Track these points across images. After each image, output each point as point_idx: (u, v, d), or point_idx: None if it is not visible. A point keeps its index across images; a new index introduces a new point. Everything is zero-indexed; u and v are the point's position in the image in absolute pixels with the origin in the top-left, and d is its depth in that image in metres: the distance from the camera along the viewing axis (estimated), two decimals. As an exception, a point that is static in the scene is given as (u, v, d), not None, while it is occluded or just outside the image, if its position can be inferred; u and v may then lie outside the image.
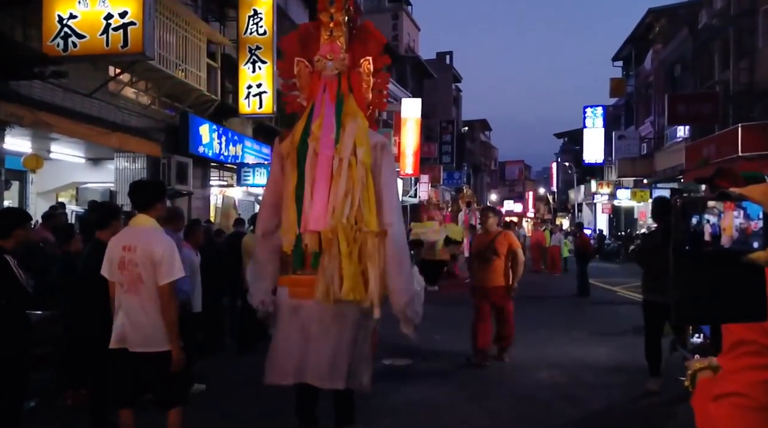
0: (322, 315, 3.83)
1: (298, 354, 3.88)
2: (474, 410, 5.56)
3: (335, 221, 3.77)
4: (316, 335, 3.85)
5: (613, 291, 15.58)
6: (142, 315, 3.67)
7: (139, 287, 3.68)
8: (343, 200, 3.80)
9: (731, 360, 1.13)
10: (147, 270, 3.66)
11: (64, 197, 11.90)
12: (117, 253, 3.75)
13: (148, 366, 3.70)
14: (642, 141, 30.35)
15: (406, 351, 7.31)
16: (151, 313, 3.66)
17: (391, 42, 33.86)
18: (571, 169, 47.41)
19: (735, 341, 1.12)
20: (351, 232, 3.77)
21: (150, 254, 3.66)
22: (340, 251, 3.76)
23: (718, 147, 17.71)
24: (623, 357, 7.67)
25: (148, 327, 3.67)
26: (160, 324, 3.67)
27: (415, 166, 26.86)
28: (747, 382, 1.08)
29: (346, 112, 4.04)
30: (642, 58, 31.47)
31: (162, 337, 3.68)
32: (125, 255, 3.70)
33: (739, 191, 0.90)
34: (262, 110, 13.05)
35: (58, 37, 7.98)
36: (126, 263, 3.70)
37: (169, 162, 11.03)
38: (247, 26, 12.88)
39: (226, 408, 5.46)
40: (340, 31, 4.09)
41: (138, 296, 3.68)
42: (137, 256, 3.67)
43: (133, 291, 3.69)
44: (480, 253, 7.34)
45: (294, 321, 3.93)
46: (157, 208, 3.91)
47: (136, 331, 3.68)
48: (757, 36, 18.46)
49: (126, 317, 3.71)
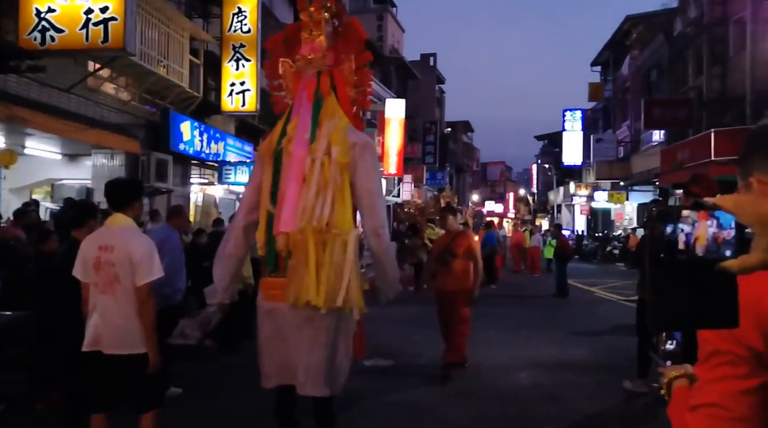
0: (295, 319, 3.77)
1: (279, 356, 3.85)
2: (456, 410, 5.58)
3: (304, 222, 3.72)
4: (292, 338, 3.80)
5: (591, 291, 15.76)
6: (118, 317, 3.59)
7: (116, 287, 3.59)
8: (314, 201, 3.75)
9: (707, 371, 1.14)
10: (124, 271, 3.59)
11: (39, 194, 11.68)
12: (92, 253, 3.66)
13: (123, 369, 3.62)
14: (619, 144, 30.79)
15: (388, 352, 7.32)
16: (128, 314, 3.59)
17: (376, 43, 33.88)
18: (551, 170, 47.89)
19: (711, 351, 1.13)
20: (320, 234, 3.70)
21: (128, 254, 3.59)
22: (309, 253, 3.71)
23: (692, 151, 18.05)
24: (602, 357, 7.77)
25: (124, 329, 3.59)
26: (137, 325, 3.60)
27: (398, 166, 26.93)
28: (724, 393, 1.09)
29: (325, 111, 3.97)
30: (619, 64, 31.93)
31: (138, 339, 3.59)
32: (101, 255, 3.62)
33: (712, 201, 0.92)
34: (245, 108, 12.97)
35: (35, 30, 7.83)
36: (102, 263, 3.61)
37: (149, 159, 10.89)
38: (231, 24, 12.79)
39: (204, 410, 5.41)
40: (319, 29, 4.03)
41: (114, 297, 3.60)
42: (114, 256, 3.59)
43: (109, 291, 3.60)
44: (438, 256, 6.87)
45: (270, 324, 3.88)
46: (134, 207, 3.86)
47: (112, 333, 3.60)
48: (729, 44, 18.86)
49: (101, 318, 3.61)
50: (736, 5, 18.30)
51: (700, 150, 17.10)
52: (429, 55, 48.89)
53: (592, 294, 15.24)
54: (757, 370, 1.08)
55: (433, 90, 47.40)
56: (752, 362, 1.08)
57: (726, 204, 0.92)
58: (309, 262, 3.65)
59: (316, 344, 3.75)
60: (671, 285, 0.90)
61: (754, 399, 1.07)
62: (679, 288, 0.90)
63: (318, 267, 3.66)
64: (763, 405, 1.07)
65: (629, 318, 9.85)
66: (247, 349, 6.47)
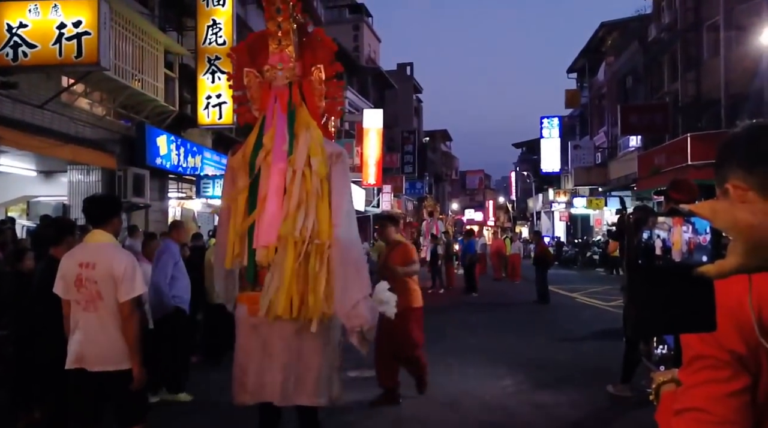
0: (283, 332, 3.74)
1: (260, 372, 3.80)
2: (440, 419, 5.57)
3: (285, 233, 3.69)
4: (280, 352, 3.77)
5: (572, 297, 15.86)
6: (101, 333, 3.55)
7: (98, 304, 3.56)
8: (295, 212, 3.73)
9: (690, 375, 1.14)
10: (107, 287, 3.55)
11: (15, 211, 11.49)
12: (72, 270, 3.61)
13: (107, 385, 3.58)
14: (596, 150, 31.16)
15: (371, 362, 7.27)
16: (111, 331, 3.55)
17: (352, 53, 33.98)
18: (530, 178, 48.29)
19: (693, 356, 1.14)
20: (302, 246, 3.67)
21: (110, 270, 3.55)
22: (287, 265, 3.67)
23: (669, 156, 18.29)
24: (585, 362, 7.81)
25: (107, 345, 3.55)
26: (120, 341, 3.56)
27: (377, 176, 26.95)
28: (706, 397, 1.10)
29: (299, 122, 3.95)
30: (595, 70, 32.36)
31: (122, 355, 3.56)
32: (82, 272, 3.57)
33: (688, 207, 0.94)
34: (221, 121, 12.89)
35: (6, 46, 7.74)
36: (84, 280, 3.56)
37: (125, 174, 10.78)
38: (206, 36, 12.73)
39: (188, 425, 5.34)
40: (288, 39, 3.99)
41: (97, 313, 3.56)
42: (96, 273, 3.56)
43: (92, 308, 3.56)
44: (378, 270, 6.25)
45: (255, 340, 3.84)
46: (113, 223, 3.81)
47: (95, 350, 3.56)
48: (702, 49, 19.20)
49: (84, 335, 3.57)
50: (709, 10, 18.65)
51: (677, 155, 17.35)
52: (406, 65, 49.21)
53: (573, 300, 15.34)
54: (739, 373, 1.09)
55: (411, 99, 47.67)
56: (734, 365, 1.08)
57: (702, 211, 0.93)
58: (289, 274, 3.63)
59: (307, 354, 3.73)
60: (649, 291, 0.91)
61: (736, 403, 1.08)
62: (657, 293, 0.91)
63: (297, 278, 3.64)
64: (746, 408, 1.08)
65: (611, 324, 9.98)
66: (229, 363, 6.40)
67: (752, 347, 1.07)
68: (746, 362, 1.08)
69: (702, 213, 0.93)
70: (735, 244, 0.91)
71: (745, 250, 0.90)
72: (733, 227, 0.91)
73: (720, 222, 0.93)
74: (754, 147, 1.11)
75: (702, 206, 0.94)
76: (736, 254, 0.91)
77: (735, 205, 0.98)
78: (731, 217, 0.92)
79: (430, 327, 7.40)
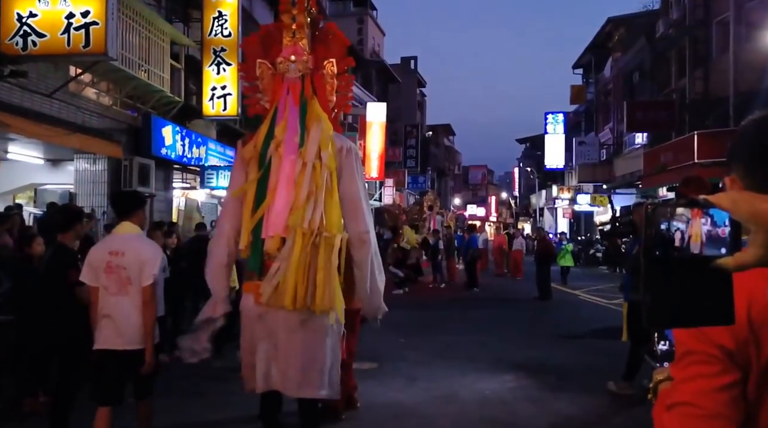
0: (289, 322, 3.77)
1: (266, 361, 3.84)
2: (439, 412, 5.62)
3: (294, 224, 3.73)
4: (285, 342, 3.80)
5: (574, 294, 15.88)
6: (132, 315, 3.90)
7: (128, 288, 3.91)
8: (305, 204, 3.76)
9: (681, 370, 1.16)
10: (135, 273, 3.90)
11: (22, 199, 11.58)
12: (102, 259, 3.93)
13: (131, 363, 3.92)
14: (601, 147, 31.02)
15: (372, 355, 7.34)
16: (139, 313, 3.92)
17: (357, 46, 33.89)
18: (533, 174, 48.19)
19: (683, 351, 1.15)
20: (309, 237, 3.71)
21: (138, 258, 3.92)
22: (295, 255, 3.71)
23: (675, 154, 18.20)
24: (586, 359, 7.84)
25: (136, 326, 3.91)
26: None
27: (380, 169, 26.93)
28: (695, 391, 1.11)
29: (311, 115, 3.98)
30: (601, 66, 32.19)
31: (143, 336, 3.93)
32: (112, 260, 3.91)
33: (707, 198, 0.92)
34: (226, 112, 12.91)
35: (16, 35, 7.77)
36: (113, 267, 3.90)
37: (131, 163, 10.82)
38: (211, 28, 12.74)
39: (187, 413, 5.39)
40: (302, 32, 4.02)
41: (128, 296, 3.90)
42: (125, 260, 3.90)
43: (123, 293, 3.90)
44: None
45: (260, 329, 3.87)
46: (139, 215, 4.18)
47: (127, 330, 3.90)
48: (711, 46, 19.07)
49: (114, 318, 3.89)
50: (719, 6, 18.48)
51: (683, 152, 17.25)
52: (410, 59, 48.96)
53: (575, 297, 15.36)
54: (728, 368, 1.10)
55: (414, 93, 47.48)
56: (724, 360, 1.09)
57: (722, 201, 0.91)
58: (296, 265, 3.66)
59: (312, 346, 3.77)
60: (666, 283, 0.90)
61: (725, 397, 1.09)
62: (674, 285, 0.90)
63: (304, 269, 3.68)
64: (735, 403, 1.09)
65: (612, 321, 10.00)
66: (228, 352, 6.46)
67: (741, 342, 1.09)
68: (735, 357, 1.09)
69: (721, 203, 0.91)
70: (755, 236, 0.89)
71: (766, 242, 0.88)
72: (754, 218, 0.89)
73: (740, 213, 0.90)
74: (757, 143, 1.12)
75: (721, 197, 0.92)
76: (757, 246, 0.88)
77: (755, 195, 0.93)
78: (752, 208, 0.89)
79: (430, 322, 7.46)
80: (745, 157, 1.13)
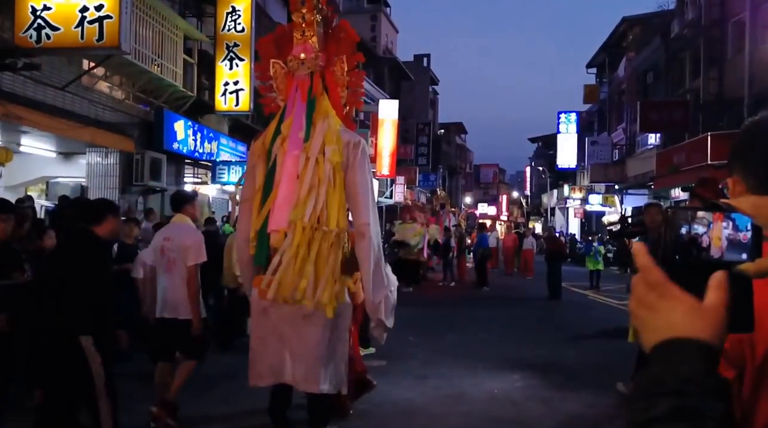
0: (292, 316, 3.78)
1: (273, 355, 3.84)
2: (447, 410, 5.60)
3: (295, 218, 3.73)
4: (288, 336, 3.81)
5: (585, 294, 15.80)
6: (178, 290, 4.77)
7: (173, 268, 4.79)
8: (306, 198, 3.77)
9: None
10: (179, 256, 4.79)
11: (34, 191, 11.64)
12: (159, 243, 4.95)
13: (176, 330, 4.77)
14: (614, 147, 30.85)
15: (381, 353, 7.32)
16: (183, 289, 4.76)
17: (370, 43, 33.88)
18: (545, 173, 47.98)
19: None
20: (309, 232, 3.72)
21: (181, 244, 4.80)
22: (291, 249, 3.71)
23: (688, 155, 18.05)
24: (595, 360, 7.80)
25: (181, 300, 4.77)
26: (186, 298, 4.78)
27: (391, 167, 26.90)
28: None
29: (318, 111, 3.99)
30: (615, 66, 31.98)
31: (187, 308, 4.77)
32: (165, 244, 4.87)
33: (729, 202, 0.90)
34: (238, 108, 12.94)
35: (31, 28, 7.80)
36: (165, 250, 4.86)
37: (143, 157, 10.87)
38: (225, 23, 12.77)
39: (196, 406, 5.41)
40: (312, 30, 4.05)
41: (173, 275, 4.79)
42: (173, 245, 4.83)
43: (170, 271, 4.81)
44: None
45: (266, 323, 3.88)
46: (187, 210, 5.10)
47: (172, 303, 4.79)
48: (727, 46, 18.88)
49: (165, 292, 4.84)
50: (734, 6, 18.29)
51: (697, 153, 17.10)
52: (422, 56, 48.92)
53: (585, 297, 15.29)
54: (723, 367, 1.09)
55: (427, 91, 47.43)
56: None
57: (743, 206, 0.90)
58: (290, 258, 3.67)
59: (315, 341, 3.77)
60: (686, 288, 0.86)
61: None
62: (693, 291, 0.86)
63: (302, 263, 3.68)
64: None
65: (622, 322, 9.91)
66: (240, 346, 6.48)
67: (736, 341, 1.07)
68: (730, 356, 1.08)
69: (743, 208, 0.89)
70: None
71: None
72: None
73: (762, 218, 0.88)
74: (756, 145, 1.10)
75: (743, 201, 0.91)
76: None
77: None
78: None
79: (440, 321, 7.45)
80: (746, 158, 1.10)
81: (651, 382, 0.76)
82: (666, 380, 0.75)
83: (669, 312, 0.81)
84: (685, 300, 0.81)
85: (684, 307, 0.81)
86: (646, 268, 0.84)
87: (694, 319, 0.80)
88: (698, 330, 0.79)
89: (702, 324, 0.79)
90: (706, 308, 0.81)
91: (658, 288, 0.82)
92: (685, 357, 0.77)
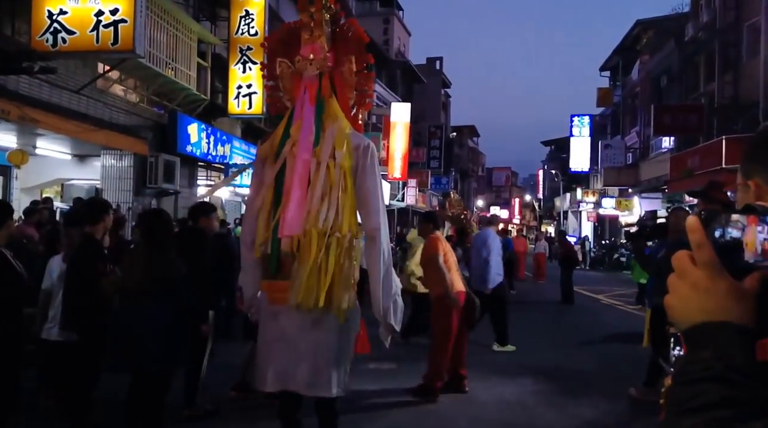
0: (302, 321, 3.76)
1: (279, 360, 3.82)
2: (458, 414, 5.58)
3: (309, 226, 3.72)
4: (296, 341, 3.78)
5: (597, 299, 15.69)
6: None
7: None
8: (319, 204, 3.73)
9: None
10: None
11: (49, 193, 11.78)
12: None
13: None
14: (628, 151, 30.64)
15: (392, 356, 7.31)
16: None
17: (382, 46, 33.92)
18: (558, 176, 47.74)
19: None
20: (324, 238, 3.68)
21: None
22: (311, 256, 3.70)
23: (702, 158, 17.90)
24: (607, 365, 7.73)
25: None
26: None
27: (403, 170, 26.89)
28: None
29: (328, 113, 3.92)
30: (629, 69, 31.79)
31: None
32: None
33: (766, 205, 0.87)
34: (251, 111, 13.02)
35: (47, 32, 7.92)
36: None
37: (157, 160, 10.96)
38: (238, 26, 12.86)
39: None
40: (320, 30, 3.95)
41: None
42: None
43: None
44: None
45: (274, 327, 3.86)
46: (203, 221, 5.67)
47: None
48: (742, 50, 18.71)
49: None
50: (750, 10, 18.14)
51: (711, 157, 16.95)
52: (435, 59, 48.89)
53: (598, 302, 15.18)
54: None
55: (439, 94, 47.38)
56: None
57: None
58: (311, 265, 3.64)
59: (324, 346, 3.75)
60: None
61: None
62: None
63: (319, 270, 3.66)
64: None
65: (635, 327, 9.85)
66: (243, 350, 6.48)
67: None
68: None
69: None
70: None
71: None
72: None
73: None
74: None
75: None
76: None
77: None
78: None
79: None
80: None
81: (700, 367, 0.76)
82: (715, 366, 0.74)
83: (720, 294, 0.80)
84: (738, 286, 0.80)
85: (738, 294, 0.80)
86: (700, 245, 0.82)
87: (746, 307, 0.79)
88: (747, 319, 0.78)
89: (751, 314, 0.79)
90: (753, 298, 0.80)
91: (710, 269, 0.81)
92: (735, 344, 0.76)
